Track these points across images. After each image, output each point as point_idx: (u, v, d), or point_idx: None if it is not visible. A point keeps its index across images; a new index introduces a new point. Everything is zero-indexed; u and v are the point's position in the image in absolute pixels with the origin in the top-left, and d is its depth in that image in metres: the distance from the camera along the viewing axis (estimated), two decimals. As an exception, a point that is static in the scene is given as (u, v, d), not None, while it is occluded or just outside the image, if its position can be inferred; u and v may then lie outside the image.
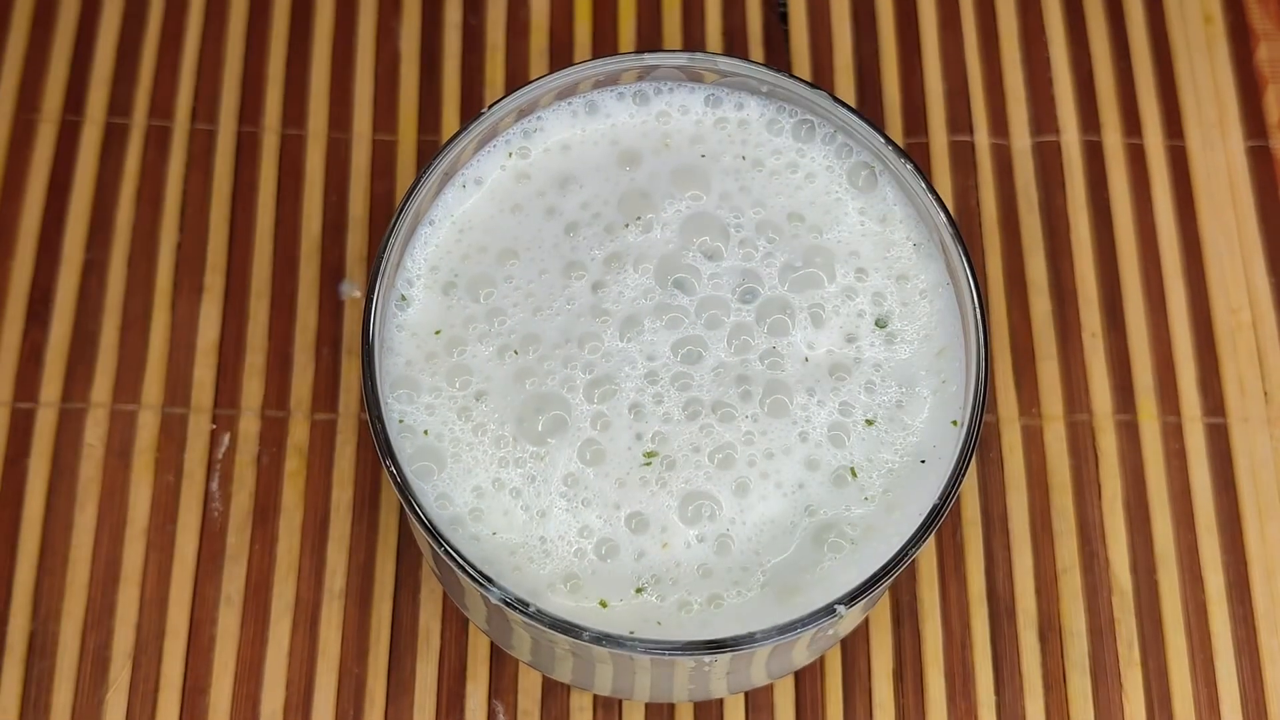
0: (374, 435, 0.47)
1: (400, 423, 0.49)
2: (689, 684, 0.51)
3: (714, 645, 0.45)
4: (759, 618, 0.47)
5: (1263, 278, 0.64)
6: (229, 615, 0.58)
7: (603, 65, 0.52)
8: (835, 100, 0.52)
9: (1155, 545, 0.60)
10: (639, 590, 0.48)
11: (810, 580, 0.48)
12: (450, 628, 0.58)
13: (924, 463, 0.49)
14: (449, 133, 0.65)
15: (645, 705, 0.57)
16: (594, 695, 0.57)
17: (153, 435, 0.60)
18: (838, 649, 0.58)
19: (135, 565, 0.58)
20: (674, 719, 0.57)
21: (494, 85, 0.66)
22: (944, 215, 0.50)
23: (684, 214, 0.52)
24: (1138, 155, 0.65)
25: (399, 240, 0.50)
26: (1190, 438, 0.61)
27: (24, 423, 0.60)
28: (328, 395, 0.61)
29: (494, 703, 0.57)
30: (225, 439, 0.60)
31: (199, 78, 0.65)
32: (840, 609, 0.46)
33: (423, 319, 0.51)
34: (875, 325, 0.51)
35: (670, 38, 0.67)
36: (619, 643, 0.45)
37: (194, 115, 0.65)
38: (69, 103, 0.64)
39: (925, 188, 0.51)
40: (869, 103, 0.66)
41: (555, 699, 0.57)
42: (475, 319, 0.51)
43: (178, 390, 0.61)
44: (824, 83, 0.66)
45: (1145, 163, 0.65)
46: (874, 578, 0.46)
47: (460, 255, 0.51)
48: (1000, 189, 0.65)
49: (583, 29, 0.67)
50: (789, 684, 0.58)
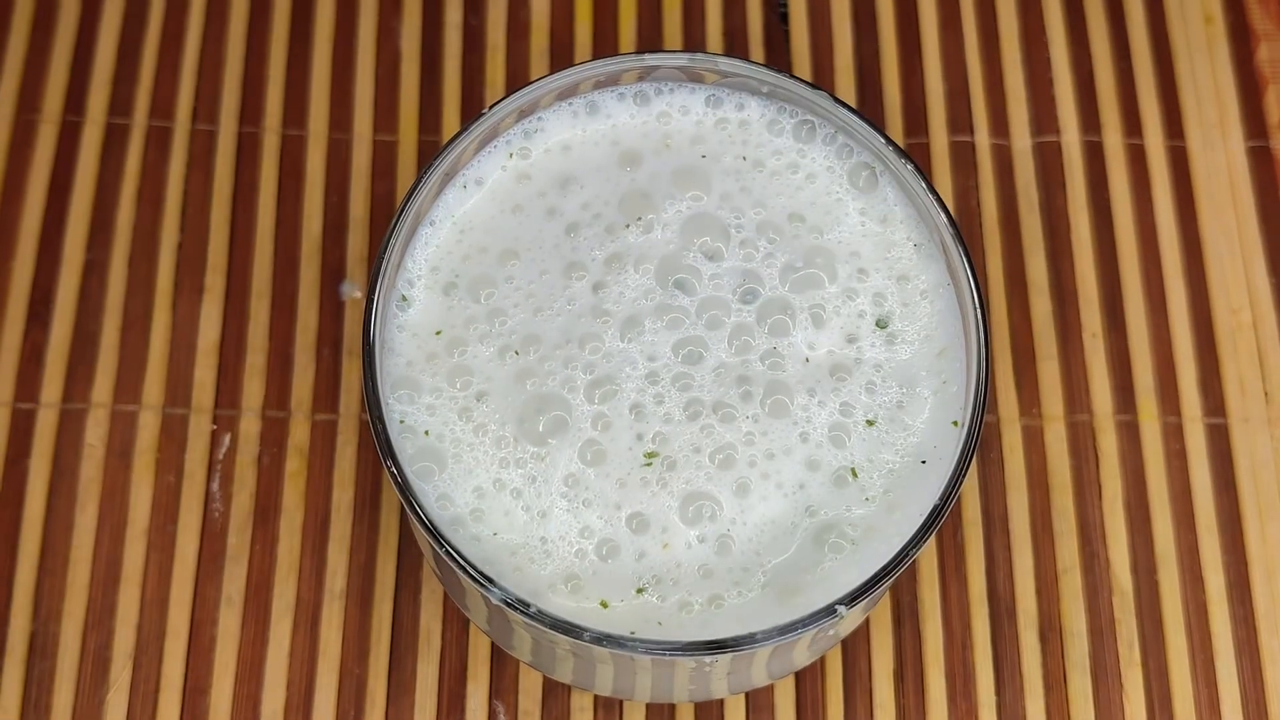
0: (375, 436, 0.47)
1: (401, 423, 0.49)
2: (690, 684, 0.51)
3: (715, 646, 0.45)
4: (760, 618, 0.47)
5: (1263, 278, 0.64)
6: (230, 616, 0.58)
7: (603, 66, 0.52)
8: (836, 101, 0.52)
9: (1156, 545, 0.60)
10: (640, 591, 0.48)
11: (811, 581, 0.48)
12: (451, 628, 0.58)
13: (925, 463, 0.49)
14: (449, 133, 0.65)
15: (646, 706, 0.57)
16: (595, 696, 0.57)
17: (153, 436, 0.60)
18: (838, 649, 0.58)
19: (136, 566, 0.58)
20: (674, 719, 0.57)
21: (494, 86, 0.66)
22: (945, 216, 0.50)
23: (685, 214, 0.52)
24: (1138, 155, 0.65)
25: (400, 241, 0.50)
26: (1191, 438, 0.61)
27: (25, 423, 0.60)
28: (328, 396, 0.61)
29: (495, 703, 0.57)
30: (226, 439, 0.60)
31: (200, 78, 0.65)
32: (841, 609, 0.46)
33: (423, 319, 0.51)
34: (876, 326, 0.51)
35: (671, 38, 0.67)
36: (620, 643, 0.45)
37: (195, 116, 0.65)
38: (70, 103, 0.64)
39: (926, 188, 0.51)
40: (869, 103, 0.66)
41: (556, 699, 0.57)
42: (476, 319, 0.51)
43: (178, 391, 0.61)
44: (824, 83, 0.66)
45: (1146, 163, 0.65)
46: (875, 578, 0.46)
47: (461, 256, 0.51)
48: (1001, 189, 0.65)
49: (583, 29, 0.67)
50: (790, 684, 0.58)
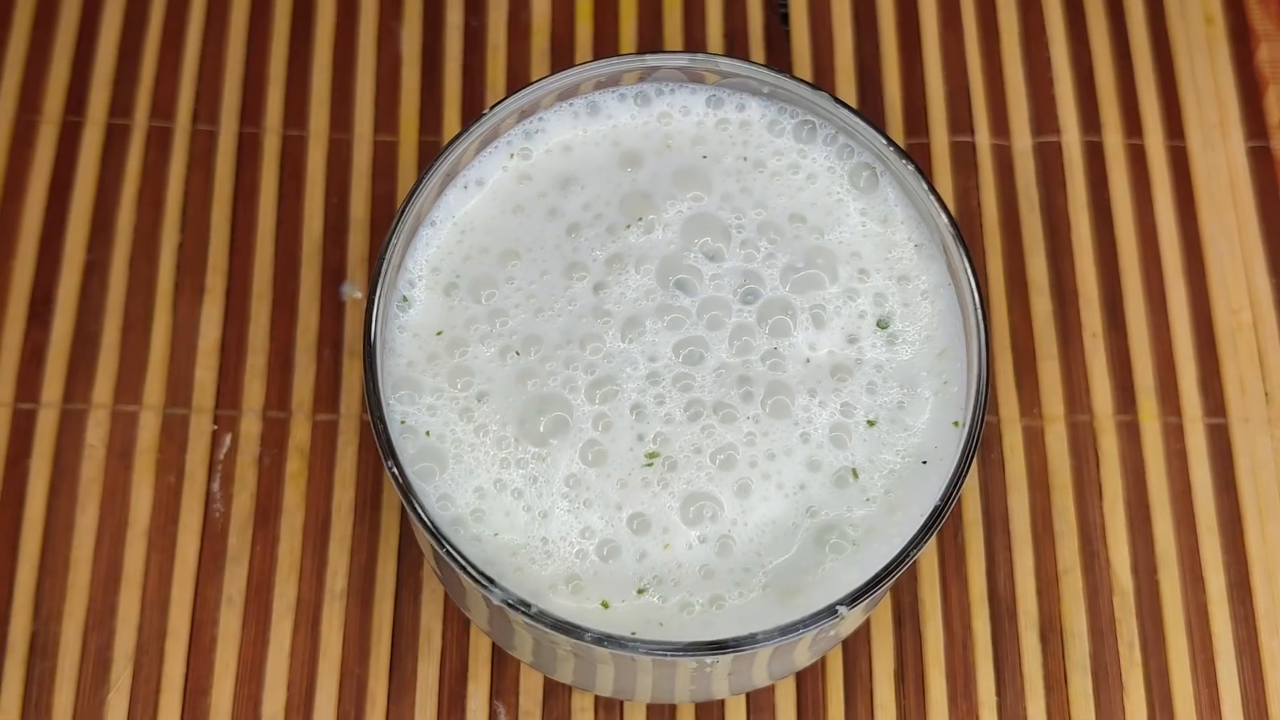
0: (376, 436, 0.47)
1: (402, 424, 0.49)
2: (690, 685, 0.51)
3: (715, 646, 0.45)
4: (760, 619, 0.47)
5: (1263, 278, 0.64)
6: (230, 616, 0.58)
7: (604, 66, 0.52)
8: (836, 101, 0.52)
9: (1156, 546, 0.60)
10: (641, 591, 0.48)
11: (812, 581, 0.48)
12: (452, 628, 0.58)
13: (925, 464, 0.49)
14: (450, 134, 0.65)
15: (647, 706, 0.57)
16: (595, 696, 0.57)
17: (154, 436, 0.60)
18: (839, 650, 0.58)
19: (136, 566, 0.58)
20: (675, 719, 0.58)
21: (495, 86, 0.66)
22: (945, 216, 0.50)
23: (685, 215, 0.52)
24: (1138, 156, 0.65)
25: (400, 241, 0.50)
26: (1191, 438, 0.61)
27: (25, 423, 0.60)
28: (329, 396, 0.61)
29: (495, 704, 0.57)
30: (227, 440, 0.60)
31: (200, 79, 0.65)
32: (842, 610, 0.46)
33: (424, 320, 0.51)
34: (877, 326, 0.51)
35: (671, 39, 0.67)
36: (621, 644, 0.45)
37: (195, 116, 0.65)
38: (70, 104, 0.64)
39: (927, 189, 0.51)
40: (870, 103, 0.66)
41: (557, 700, 0.57)
42: (477, 320, 0.51)
43: (179, 391, 0.61)
44: (825, 83, 0.66)
45: (1146, 163, 0.65)
46: (875, 579, 0.46)
47: (462, 256, 0.51)
48: (1001, 189, 0.65)
49: (584, 30, 0.67)
50: (790, 685, 0.58)
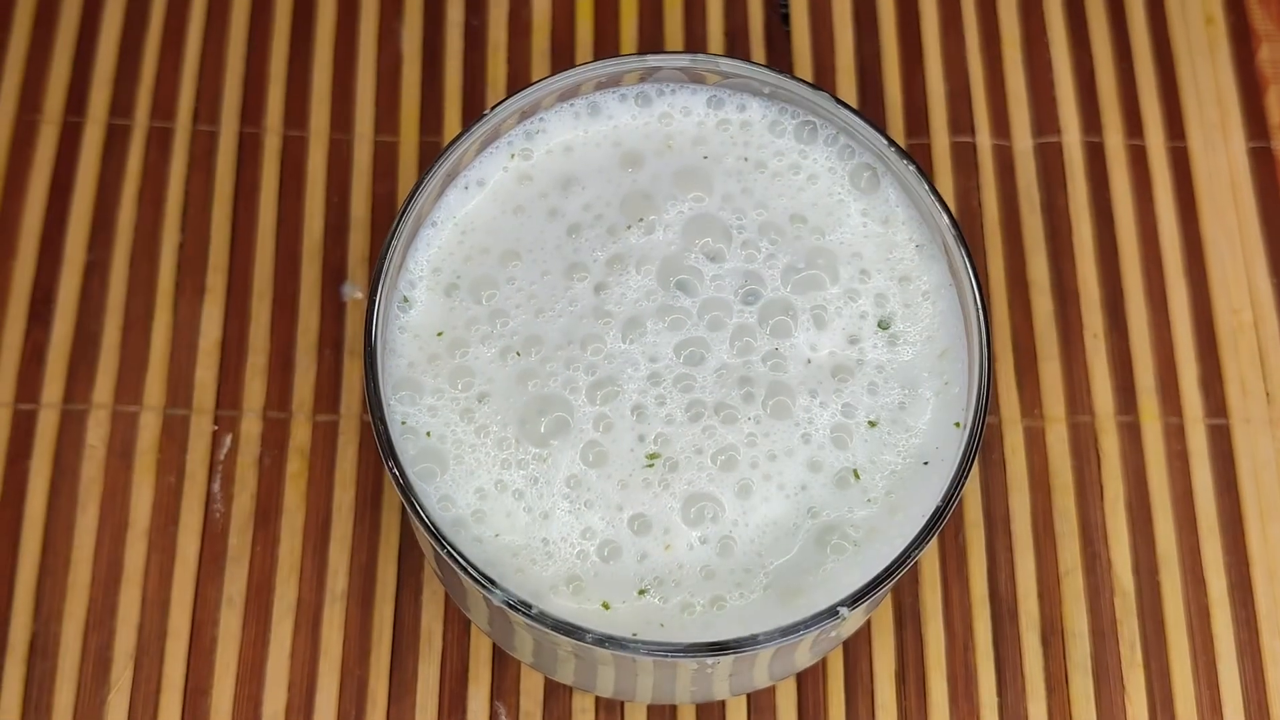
0: (376, 437, 0.47)
1: (403, 424, 0.49)
2: (691, 686, 0.51)
3: (716, 647, 0.45)
4: (761, 620, 0.47)
5: (1264, 278, 0.64)
6: (231, 617, 0.58)
7: (605, 67, 0.52)
8: (837, 101, 0.52)
9: (1157, 547, 0.60)
10: (641, 592, 0.48)
11: (813, 582, 0.48)
12: (452, 629, 0.58)
13: (927, 464, 0.49)
14: (451, 134, 0.65)
15: (647, 707, 0.57)
16: (596, 697, 0.57)
17: (154, 436, 0.60)
18: (840, 651, 0.58)
19: (137, 566, 0.58)
20: (676, 720, 0.58)
21: (496, 86, 0.66)
22: (946, 217, 0.50)
23: (686, 215, 0.52)
24: (1139, 156, 0.65)
25: (401, 242, 0.50)
26: (1192, 439, 0.61)
27: (26, 423, 0.60)
28: (330, 397, 0.61)
29: (496, 704, 0.57)
30: (227, 440, 0.60)
31: (201, 79, 0.65)
32: (843, 611, 0.46)
33: (425, 320, 0.51)
34: (878, 327, 0.51)
35: (672, 39, 0.67)
36: (621, 645, 0.45)
37: (196, 116, 0.65)
38: (71, 104, 0.64)
39: (928, 189, 0.51)
40: (871, 104, 0.66)
41: (557, 701, 0.57)
42: (477, 320, 0.51)
43: (179, 391, 0.60)
44: (826, 84, 0.66)
45: (1147, 164, 0.65)
46: (876, 580, 0.46)
47: (462, 257, 0.51)
48: (1002, 190, 0.64)
49: (584, 30, 0.67)
50: (791, 686, 0.58)
